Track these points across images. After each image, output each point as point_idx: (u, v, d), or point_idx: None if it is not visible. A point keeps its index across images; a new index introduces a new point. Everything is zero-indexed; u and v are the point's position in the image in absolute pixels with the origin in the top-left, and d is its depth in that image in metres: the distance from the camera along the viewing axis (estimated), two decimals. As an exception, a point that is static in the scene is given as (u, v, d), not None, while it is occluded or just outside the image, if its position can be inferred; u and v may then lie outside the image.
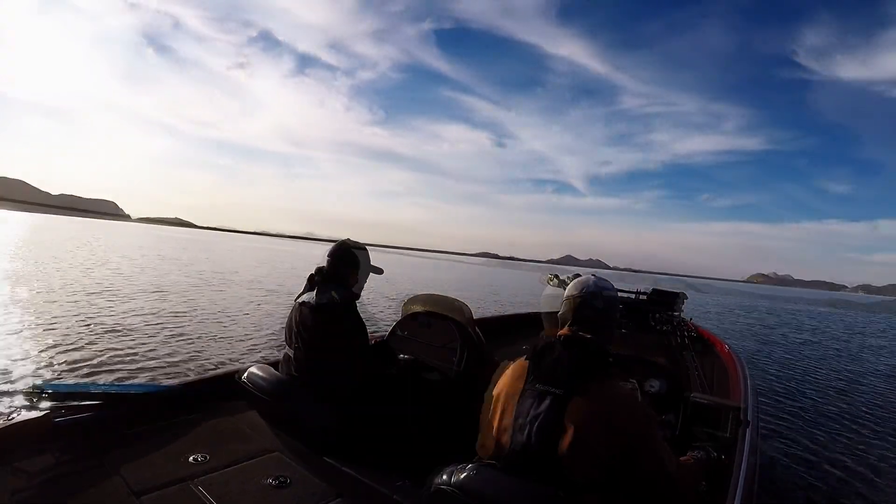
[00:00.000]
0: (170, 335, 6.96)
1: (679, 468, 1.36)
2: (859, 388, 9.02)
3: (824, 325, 21.82)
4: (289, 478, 1.77)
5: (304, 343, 2.15)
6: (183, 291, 11.52)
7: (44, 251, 20.14)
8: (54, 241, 28.35)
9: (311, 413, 2.01)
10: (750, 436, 2.02)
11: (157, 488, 1.63)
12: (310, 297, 2.20)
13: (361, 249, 2.35)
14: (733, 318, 20.58)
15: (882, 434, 6.37)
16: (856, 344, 15.47)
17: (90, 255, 19.84)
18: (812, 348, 13.16)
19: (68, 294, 9.40)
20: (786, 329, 18.20)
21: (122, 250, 25.69)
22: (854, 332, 19.81)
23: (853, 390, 8.59)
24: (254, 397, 2.14)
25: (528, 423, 1.24)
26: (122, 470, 1.72)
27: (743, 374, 3.27)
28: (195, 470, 1.77)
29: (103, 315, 7.78)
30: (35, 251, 19.79)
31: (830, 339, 16.15)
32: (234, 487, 1.68)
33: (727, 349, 4.09)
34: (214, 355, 6.23)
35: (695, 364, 3.52)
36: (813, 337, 16.32)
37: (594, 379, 1.25)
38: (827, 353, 12.61)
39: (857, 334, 19.18)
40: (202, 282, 14.24)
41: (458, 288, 21.60)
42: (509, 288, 26.54)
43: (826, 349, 13.30)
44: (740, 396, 2.87)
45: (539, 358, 1.32)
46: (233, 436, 2.09)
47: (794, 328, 19.05)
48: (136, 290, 10.81)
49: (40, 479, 1.60)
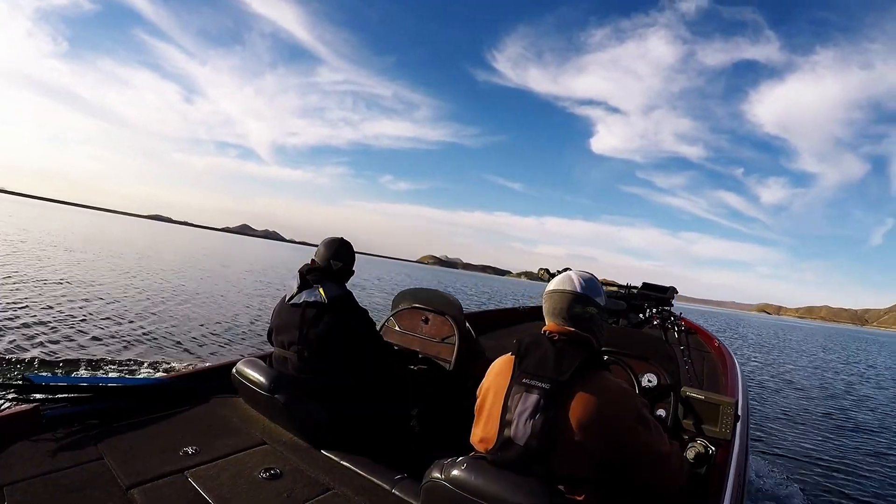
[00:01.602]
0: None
1: (672, 447, 1.36)
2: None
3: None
4: (281, 470, 1.77)
5: (311, 342, 2.10)
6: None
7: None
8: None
9: (307, 407, 2.00)
10: (741, 430, 2.04)
11: (148, 480, 1.62)
12: (313, 296, 2.13)
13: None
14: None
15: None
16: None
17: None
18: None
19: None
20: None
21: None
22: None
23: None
24: (246, 390, 2.13)
25: (515, 417, 1.24)
26: (112, 462, 1.71)
27: (734, 370, 3.30)
28: (186, 462, 1.76)
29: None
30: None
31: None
32: (225, 479, 1.68)
33: (717, 344, 4.12)
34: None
35: (686, 359, 3.54)
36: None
37: (582, 373, 1.25)
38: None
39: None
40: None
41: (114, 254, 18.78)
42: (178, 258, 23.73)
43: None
44: (731, 391, 2.89)
45: (526, 353, 1.32)
46: (224, 428, 2.08)
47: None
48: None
49: (30, 472, 1.59)
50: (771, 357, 17.07)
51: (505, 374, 1.34)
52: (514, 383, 1.29)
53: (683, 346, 3.77)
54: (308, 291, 2.16)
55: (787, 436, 5.84)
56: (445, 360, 2.73)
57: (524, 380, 1.27)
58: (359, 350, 2.17)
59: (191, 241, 42.82)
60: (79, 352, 5.37)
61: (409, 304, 3.13)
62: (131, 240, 31.62)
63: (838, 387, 11.04)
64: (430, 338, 2.89)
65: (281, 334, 2.19)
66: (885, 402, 9.67)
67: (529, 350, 1.33)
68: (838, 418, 7.40)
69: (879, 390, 11.62)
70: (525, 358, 1.31)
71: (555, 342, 1.32)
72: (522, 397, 1.25)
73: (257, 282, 17.49)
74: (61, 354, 5.16)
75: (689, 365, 3.47)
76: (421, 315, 3.01)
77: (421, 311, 3.03)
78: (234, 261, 28.40)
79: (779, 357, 17.50)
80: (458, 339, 2.76)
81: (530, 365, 1.29)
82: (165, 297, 10.24)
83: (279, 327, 2.21)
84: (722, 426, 1.85)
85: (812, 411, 7.67)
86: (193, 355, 5.86)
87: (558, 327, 1.37)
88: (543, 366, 1.27)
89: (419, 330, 2.97)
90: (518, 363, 1.32)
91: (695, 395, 1.91)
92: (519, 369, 1.30)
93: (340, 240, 2.29)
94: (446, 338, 2.82)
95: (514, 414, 1.24)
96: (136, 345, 6.10)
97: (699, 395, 1.90)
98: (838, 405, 8.56)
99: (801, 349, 23.37)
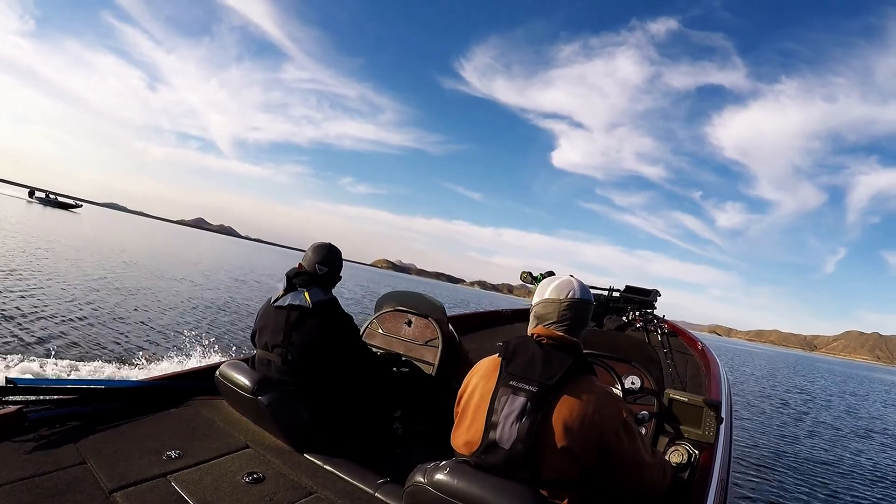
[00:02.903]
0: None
1: (655, 457, 1.37)
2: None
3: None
4: (264, 474, 1.76)
5: (296, 345, 2.09)
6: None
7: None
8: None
9: (291, 410, 1.99)
10: (724, 433, 2.06)
11: (131, 484, 1.60)
12: (298, 300, 2.12)
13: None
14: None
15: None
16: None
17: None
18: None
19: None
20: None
21: None
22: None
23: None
24: (229, 392, 2.12)
25: (501, 419, 1.23)
26: (95, 465, 1.69)
27: (717, 372, 3.34)
28: (169, 466, 1.75)
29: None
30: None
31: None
32: (208, 483, 1.67)
33: (700, 346, 4.18)
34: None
35: (669, 361, 3.59)
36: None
37: (569, 377, 1.25)
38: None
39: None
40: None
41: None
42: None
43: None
44: (715, 394, 2.92)
45: (513, 355, 1.32)
46: (208, 432, 2.07)
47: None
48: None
49: (13, 475, 1.56)
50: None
51: (491, 375, 1.33)
52: (501, 385, 1.28)
53: (666, 349, 3.81)
54: (293, 294, 2.15)
55: (771, 437, 5.96)
56: (429, 363, 2.73)
57: (511, 382, 1.27)
58: (342, 354, 2.17)
59: (153, 233, 40.99)
60: (63, 353, 5.27)
61: (392, 306, 3.12)
62: (87, 232, 29.64)
63: (812, 403, 11.36)
64: (413, 340, 2.89)
65: (265, 336, 2.18)
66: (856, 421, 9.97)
67: (517, 352, 1.32)
68: (818, 424, 7.65)
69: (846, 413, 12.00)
70: (512, 360, 1.31)
71: (543, 345, 1.32)
72: (509, 399, 1.25)
73: (236, 280, 17.26)
74: (45, 356, 5.06)
75: (673, 367, 3.51)
76: (404, 318, 3.01)
77: (404, 313, 3.02)
78: (206, 258, 27.91)
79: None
80: (442, 341, 2.77)
81: (518, 367, 1.29)
82: (144, 295, 10.07)
83: (263, 329, 2.20)
84: (705, 429, 1.85)
85: (794, 408, 7.88)
86: (176, 357, 5.78)
87: (547, 331, 1.36)
88: (531, 368, 1.27)
89: (402, 332, 2.96)
90: (505, 365, 1.31)
91: (678, 397, 1.92)
92: (506, 371, 1.30)
93: (328, 245, 2.27)
94: (429, 340, 2.82)
95: (501, 416, 1.24)
96: (120, 346, 6.01)
97: (682, 397, 1.91)
98: (817, 415, 8.84)
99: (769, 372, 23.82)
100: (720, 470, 1.89)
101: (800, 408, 10.45)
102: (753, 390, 10.47)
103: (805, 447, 6.26)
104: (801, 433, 7.20)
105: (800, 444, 6.28)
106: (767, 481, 4.66)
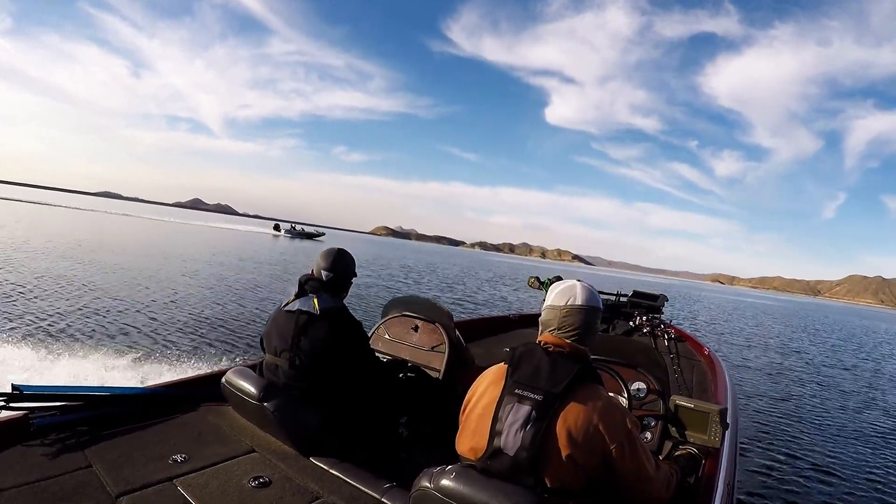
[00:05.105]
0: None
1: (659, 471, 1.36)
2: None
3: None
4: (270, 478, 1.77)
5: (303, 350, 2.09)
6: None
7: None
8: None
9: (297, 415, 2.00)
10: (730, 439, 2.05)
11: (137, 489, 1.61)
12: (307, 305, 2.12)
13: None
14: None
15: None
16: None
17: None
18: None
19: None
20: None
21: None
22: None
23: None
24: (236, 399, 2.13)
25: (506, 427, 1.24)
26: (101, 470, 1.70)
27: (723, 378, 3.32)
28: (176, 470, 1.76)
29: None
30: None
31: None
32: (214, 488, 1.68)
33: (707, 352, 4.16)
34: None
35: (675, 366, 3.57)
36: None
37: (575, 385, 1.25)
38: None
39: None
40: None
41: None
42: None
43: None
44: (720, 399, 2.91)
45: (519, 362, 1.32)
46: (214, 437, 2.07)
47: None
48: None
49: (19, 480, 1.58)
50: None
51: (497, 383, 1.33)
52: (507, 393, 1.28)
53: (673, 354, 3.79)
54: (303, 300, 2.15)
55: (776, 443, 5.90)
56: (435, 369, 2.73)
57: (517, 390, 1.27)
58: (349, 361, 2.17)
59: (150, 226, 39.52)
60: (67, 359, 5.31)
61: (399, 312, 3.13)
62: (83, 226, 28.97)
63: (819, 377, 11.02)
64: (419, 346, 2.89)
65: (273, 340, 2.18)
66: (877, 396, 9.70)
67: (523, 360, 1.32)
68: (826, 421, 7.48)
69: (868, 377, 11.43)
70: (518, 368, 1.31)
71: (549, 353, 1.32)
72: (514, 407, 1.25)
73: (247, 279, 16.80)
74: (49, 361, 5.10)
75: (679, 373, 3.49)
76: (411, 323, 3.01)
77: (411, 318, 3.03)
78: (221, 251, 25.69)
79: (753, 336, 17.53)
80: (448, 347, 2.77)
81: (524, 375, 1.29)
82: (153, 296, 10.07)
83: (272, 333, 2.20)
84: (711, 434, 1.84)
85: (800, 413, 7.75)
86: (183, 364, 5.81)
87: (554, 338, 1.36)
88: (537, 377, 1.27)
89: (409, 338, 2.97)
90: (511, 373, 1.31)
91: (684, 403, 1.91)
92: (512, 379, 1.30)
93: (337, 251, 2.27)
94: (436, 346, 2.82)
95: (505, 424, 1.24)
96: (127, 353, 6.04)
97: (688, 403, 1.90)
98: (823, 406, 8.61)
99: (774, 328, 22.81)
100: (726, 475, 1.89)
101: (813, 399, 10.14)
102: (758, 381, 10.24)
103: (816, 449, 6.14)
104: (811, 432, 7.02)
105: (811, 446, 6.17)
106: (775, 487, 4.61)
